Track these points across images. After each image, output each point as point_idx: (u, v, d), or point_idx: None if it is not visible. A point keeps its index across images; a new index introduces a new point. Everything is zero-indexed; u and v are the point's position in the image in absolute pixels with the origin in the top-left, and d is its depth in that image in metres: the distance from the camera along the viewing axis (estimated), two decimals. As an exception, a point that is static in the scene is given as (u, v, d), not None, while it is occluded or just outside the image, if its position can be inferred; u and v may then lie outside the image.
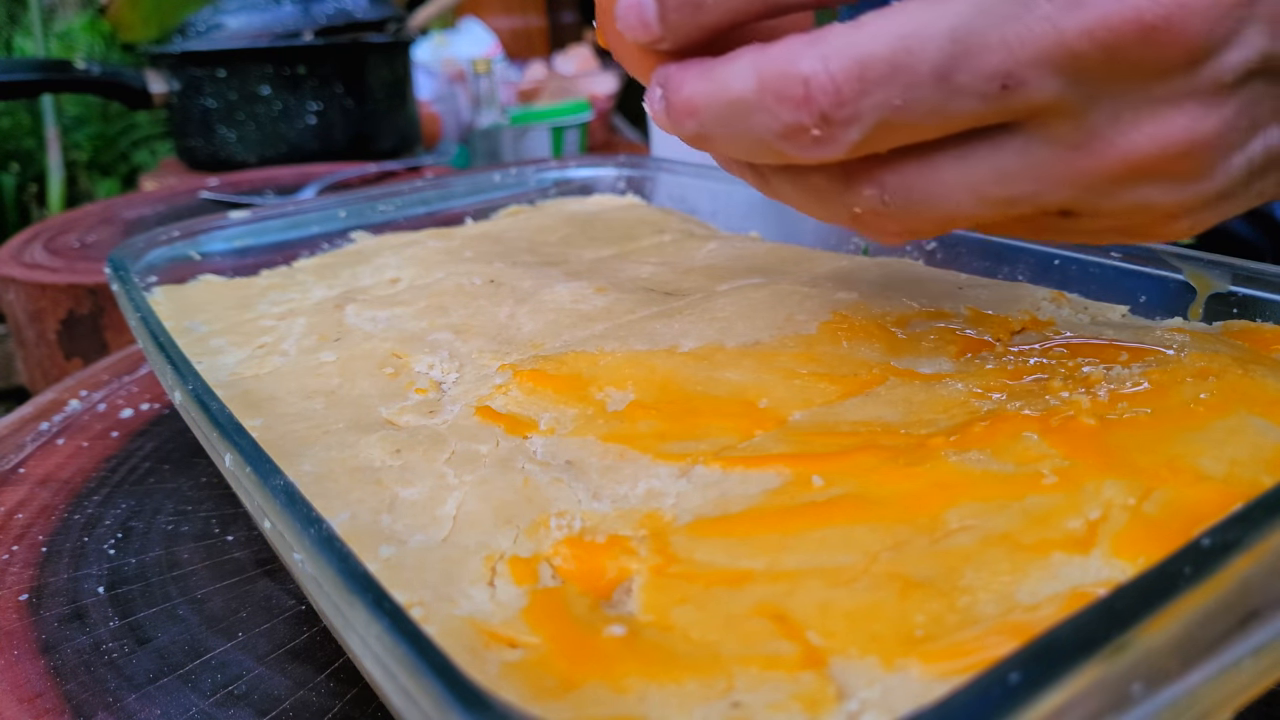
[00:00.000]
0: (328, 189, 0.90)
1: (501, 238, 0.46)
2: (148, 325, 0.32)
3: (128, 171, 2.06)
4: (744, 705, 0.17)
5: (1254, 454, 0.22)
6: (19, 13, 2.26)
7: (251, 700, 0.26)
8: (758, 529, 0.21)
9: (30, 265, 0.75)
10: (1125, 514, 0.20)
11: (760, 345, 0.30)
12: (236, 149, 1.14)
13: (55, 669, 0.28)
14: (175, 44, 1.14)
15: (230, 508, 0.36)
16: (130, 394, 0.47)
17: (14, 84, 1.01)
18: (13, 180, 1.97)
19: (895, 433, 0.25)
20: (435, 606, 0.20)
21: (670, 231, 0.46)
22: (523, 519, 0.23)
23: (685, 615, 0.19)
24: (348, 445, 0.27)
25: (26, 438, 0.42)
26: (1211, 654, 0.15)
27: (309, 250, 0.46)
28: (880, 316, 0.32)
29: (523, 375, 0.29)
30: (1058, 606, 0.18)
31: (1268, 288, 0.30)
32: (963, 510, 0.21)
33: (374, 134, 1.17)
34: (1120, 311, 0.33)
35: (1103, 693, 0.14)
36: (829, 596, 0.19)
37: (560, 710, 0.17)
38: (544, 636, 0.19)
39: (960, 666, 0.17)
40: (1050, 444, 0.23)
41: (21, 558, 0.33)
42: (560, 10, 2.21)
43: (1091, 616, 0.14)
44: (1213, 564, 0.15)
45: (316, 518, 0.19)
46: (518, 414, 0.28)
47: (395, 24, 1.21)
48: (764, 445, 0.25)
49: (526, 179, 0.54)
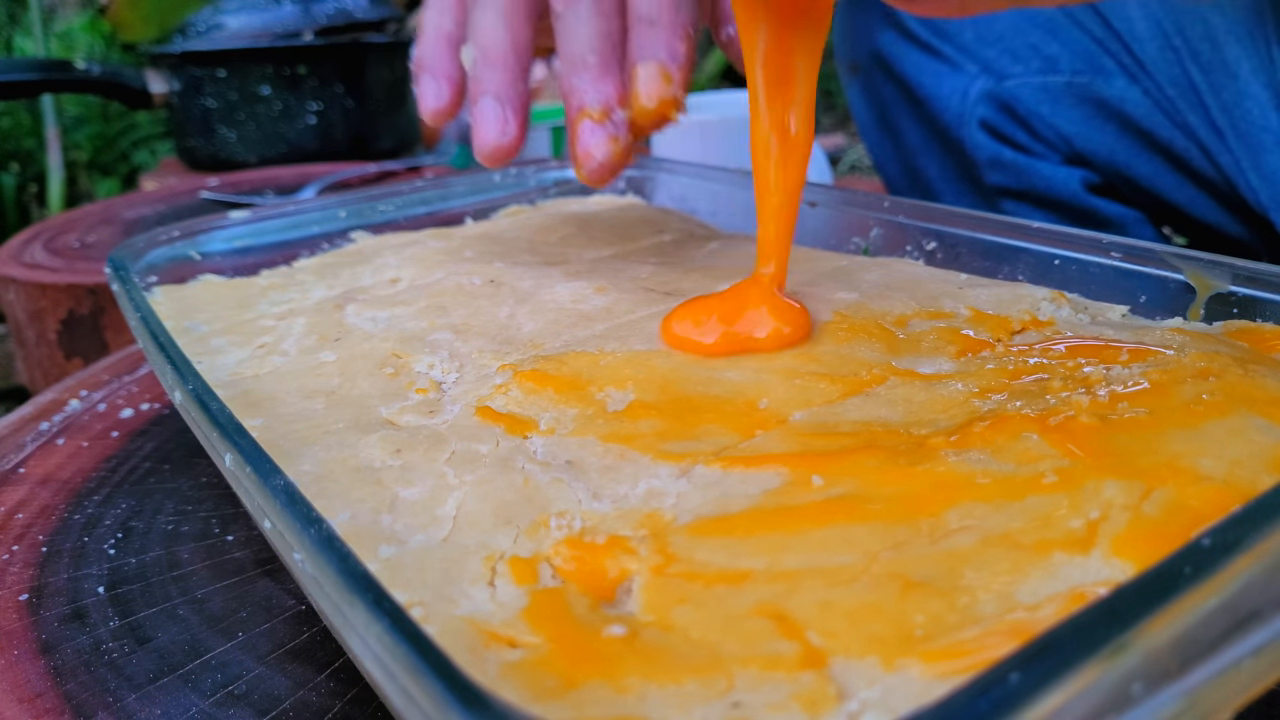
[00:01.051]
0: (328, 189, 0.90)
1: (501, 238, 0.46)
2: (148, 325, 0.32)
3: (128, 171, 2.06)
4: (744, 705, 0.17)
5: (1254, 454, 0.22)
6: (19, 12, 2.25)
7: (252, 700, 0.26)
8: (758, 529, 0.21)
9: (30, 265, 0.75)
10: (1125, 514, 0.20)
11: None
12: (236, 149, 1.14)
13: (55, 669, 0.28)
14: (175, 44, 1.14)
15: (230, 508, 0.36)
16: (130, 394, 0.47)
17: (14, 84, 1.01)
18: (13, 180, 1.97)
19: (895, 433, 0.25)
20: (435, 606, 0.20)
21: (670, 231, 0.46)
22: (523, 519, 0.23)
23: (685, 615, 0.19)
24: (348, 445, 0.27)
25: (26, 438, 0.42)
26: (1211, 654, 0.15)
27: (309, 250, 0.46)
28: (880, 316, 0.32)
29: (523, 375, 0.29)
30: (1058, 606, 0.18)
31: (1268, 288, 0.30)
32: (963, 510, 0.21)
33: (374, 134, 1.17)
34: (1120, 311, 0.33)
35: (1103, 693, 0.14)
36: (829, 596, 0.19)
37: (560, 710, 0.17)
38: (544, 636, 0.19)
39: (960, 666, 0.17)
40: (1050, 444, 0.23)
41: (21, 558, 0.33)
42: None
43: (1091, 616, 0.14)
44: (1213, 564, 0.15)
45: (316, 518, 0.19)
46: (518, 414, 0.28)
47: (395, 24, 1.21)
48: (764, 445, 0.25)
49: (526, 179, 0.54)
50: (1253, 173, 0.54)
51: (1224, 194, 0.59)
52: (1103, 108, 0.61)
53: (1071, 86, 0.62)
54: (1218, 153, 0.56)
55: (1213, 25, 0.54)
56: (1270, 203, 0.54)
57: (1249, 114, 0.54)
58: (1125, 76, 0.60)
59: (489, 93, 0.34)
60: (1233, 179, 0.56)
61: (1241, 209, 0.58)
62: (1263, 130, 0.53)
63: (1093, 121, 0.62)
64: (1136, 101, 0.60)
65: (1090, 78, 0.61)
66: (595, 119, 0.33)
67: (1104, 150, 0.63)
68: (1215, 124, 0.56)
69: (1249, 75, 0.53)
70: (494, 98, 0.34)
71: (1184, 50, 0.56)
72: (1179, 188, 0.61)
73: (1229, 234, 0.61)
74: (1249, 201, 0.56)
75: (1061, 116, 0.63)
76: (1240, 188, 0.56)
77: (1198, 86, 0.56)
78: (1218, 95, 0.55)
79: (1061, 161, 0.65)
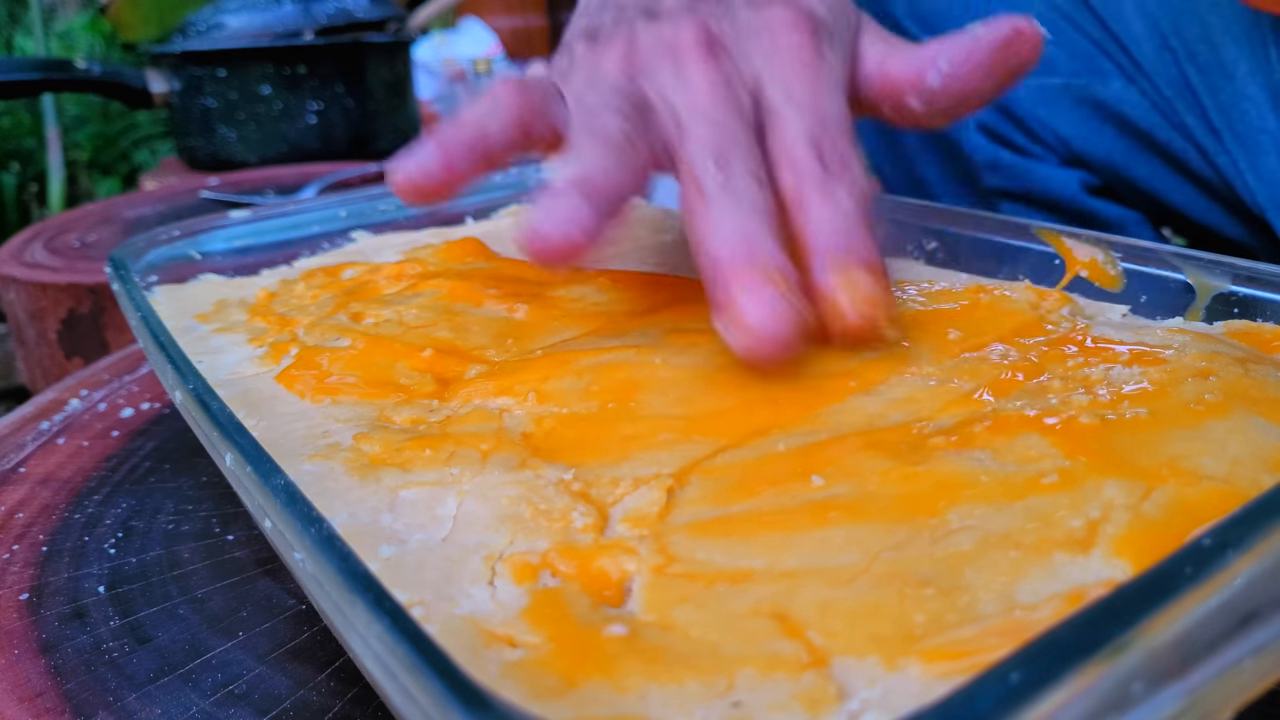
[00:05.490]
0: (328, 188, 0.90)
1: (502, 237, 0.46)
2: (148, 325, 0.32)
3: (128, 171, 2.06)
4: (745, 705, 0.17)
5: (1254, 454, 0.22)
6: (19, 12, 2.26)
7: (252, 700, 0.26)
8: (758, 529, 0.21)
9: (31, 265, 0.75)
10: (1126, 514, 0.20)
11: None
12: (237, 148, 1.14)
13: (55, 668, 0.28)
14: (176, 43, 1.14)
15: (231, 507, 0.36)
16: (131, 393, 0.47)
17: (14, 83, 1.01)
18: (13, 180, 1.97)
19: (895, 432, 0.25)
20: (435, 606, 0.20)
21: (671, 231, 0.46)
22: (523, 518, 0.23)
23: (686, 615, 0.19)
24: (348, 444, 0.27)
25: (27, 437, 0.42)
26: (1211, 654, 0.15)
27: (309, 250, 0.46)
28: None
29: (524, 374, 0.29)
30: (1058, 606, 0.18)
31: (1268, 288, 0.30)
32: (963, 510, 0.21)
33: (374, 134, 1.17)
34: (1120, 311, 0.33)
35: (1103, 693, 0.14)
36: (830, 596, 0.19)
37: (560, 710, 0.17)
38: (544, 636, 0.19)
39: (961, 666, 0.17)
40: (1050, 444, 0.23)
41: (22, 557, 0.33)
42: (561, 10, 2.21)
43: (1091, 616, 0.14)
44: (1213, 564, 0.15)
45: (317, 517, 0.19)
46: (518, 413, 0.28)
47: (396, 24, 1.21)
48: (764, 445, 0.25)
49: (527, 178, 0.54)
50: (1250, 173, 0.54)
51: (1222, 195, 0.59)
52: (1100, 109, 0.61)
53: (1069, 88, 0.62)
54: (1215, 153, 0.56)
55: (1210, 26, 0.54)
56: (1267, 203, 0.54)
57: (1246, 115, 0.54)
58: (1122, 78, 0.60)
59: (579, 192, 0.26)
60: (1230, 180, 0.56)
61: (1239, 210, 0.58)
62: (1260, 131, 0.53)
63: (1090, 123, 0.62)
64: (1134, 103, 0.60)
65: (1088, 79, 0.61)
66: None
67: (1102, 152, 0.63)
68: (1212, 125, 0.56)
69: (1246, 76, 0.53)
70: (583, 196, 0.26)
71: (1181, 51, 0.56)
72: (1178, 189, 0.61)
73: (1227, 235, 0.61)
74: (1246, 202, 0.56)
75: (1059, 118, 0.63)
76: (1238, 188, 0.56)
77: (1195, 88, 0.55)
78: (1215, 96, 0.55)
79: (1060, 163, 0.65)
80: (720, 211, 0.27)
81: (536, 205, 0.26)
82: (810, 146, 0.28)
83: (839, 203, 0.28)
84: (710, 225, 0.27)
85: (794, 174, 0.28)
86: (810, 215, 0.27)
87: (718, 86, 0.29)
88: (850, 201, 0.28)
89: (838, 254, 0.27)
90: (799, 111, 0.29)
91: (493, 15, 1.92)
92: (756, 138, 0.29)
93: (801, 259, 0.27)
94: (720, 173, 0.28)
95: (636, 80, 0.31)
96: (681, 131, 0.29)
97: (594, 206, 0.26)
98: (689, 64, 0.30)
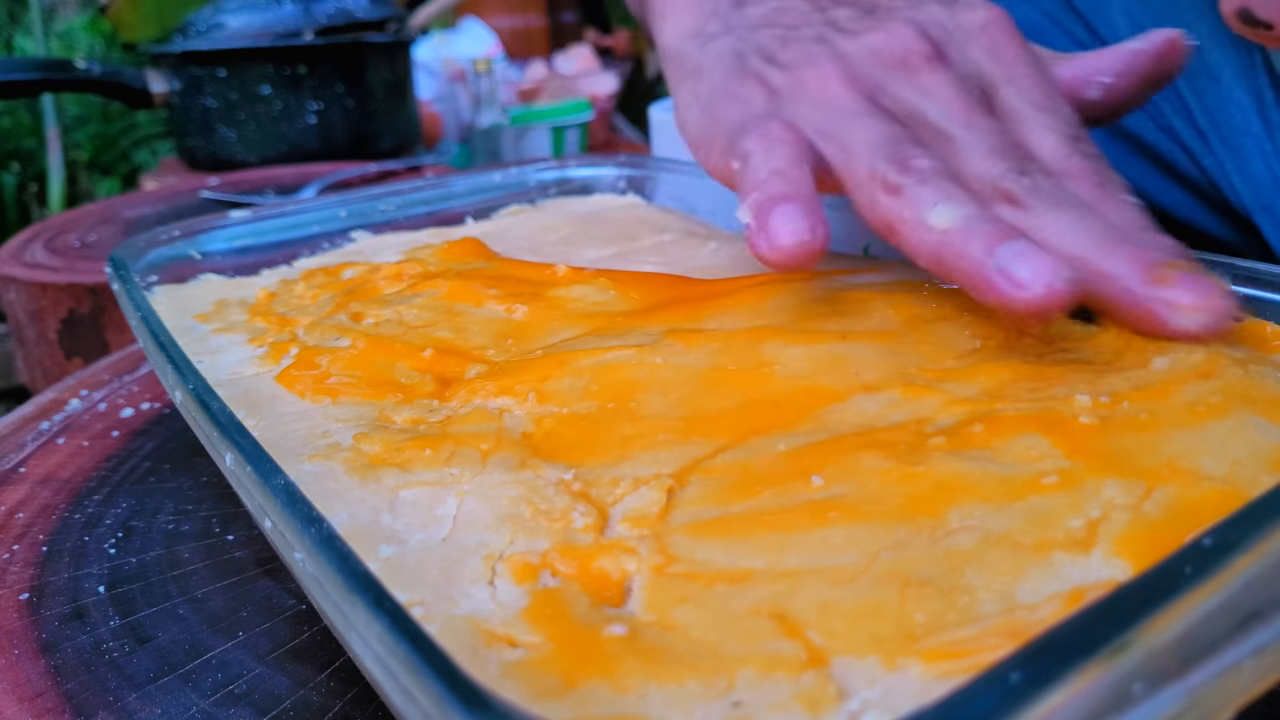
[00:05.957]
0: (328, 189, 0.90)
1: (502, 237, 0.46)
2: (148, 325, 0.32)
3: (128, 171, 2.06)
4: (745, 705, 0.17)
5: (1254, 454, 0.22)
6: (19, 12, 2.26)
7: (252, 699, 0.26)
8: (758, 528, 0.21)
9: (31, 265, 0.75)
10: (1126, 514, 0.20)
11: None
12: (237, 148, 1.14)
13: (55, 668, 0.28)
14: (176, 43, 1.14)
15: (231, 507, 0.36)
16: (131, 393, 0.47)
17: (14, 83, 1.01)
18: (13, 180, 1.98)
19: (895, 432, 0.25)
20: (435, 606, 0.20)
21: (671, 231, 0.46)
22: (523, 518, 0.23)
23: (686, 615, 0.19)
24: (348, 444, 0.27)
25: (27, 437, 0.42)
26: (1211, 654, 0.15)
27: (309, 250, 0.46)
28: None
29: (524, 374, 0.29)
30: (1058, 606, 0.18)
31: (1268, 288, 0.30)
32: (963, 510, 0.21)
33: (374, 134, 1.17)
34: (1120, 311, 0.33)
35: (1103, 693, 0.14)
36: (830, 596, 0.19)
37: (560, 710, 0.17)
38: (544, 636, 0.19)
39: (961, 666, 0.17)
40: (1051, 444, 0.23)
41: (22, 557, 0.33)
42: (561, 10, 2.21)
43: (1091, 616, 0.14)
44: (1213, 564, 0.15)
45: (317, 517, 0.19)
46: (518, 413, 0.28)
47: (396, 24, 1.21)
48: (765, 444, 0.25)
49: (527, 178, 0.54)
50: (1236, 175, 0.54)
51: (1209, 197, 0.59)
52: None
53: None
54: (1202, 155, 0.56)
55: (1196, 30, 0.54)
56: (1253, 205, 0.54)
57: (1232, 118, 0.54)
58: None
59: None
60: (1217, 182, 0.56)
61: (1226, 211, 0.58)
62: (1245, 134, 0.53)
63: None
64: None
65: None
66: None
67: None
68: (1199, 128, 0.56)
69: (1231, 80, 0.53)
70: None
71: None
72: (1166, 191, 0.61)
73: (1216, 236, 0.61)
74: (1233, 204, 0.56)
75: None
76: (1224, 190, 0.56)
77: (1181, 91, 0.55)
78: (1200, 99, 0.55)
79: None
80: (1053, 215, 0.26)
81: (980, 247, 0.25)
82: (1073, 147, 0.28)
83: (1124, 202, 0.27)
84: (1052, 228, 0.26)
85: (1068, 177, 0.28)
86: (1108, 219, 0.27)
87: (961, 92, 0.29)
88: (1130, 196, 0.28)
89: (1162, 255, 0.26)
90: (1043, 112, 0.29)
91: (493, 15, 1.92)
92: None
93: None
94: (1024, 177, 0.27)
95: (876, 99, 0.30)
96: (951, 142, 0.28)
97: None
98: (924, 73, 0.29)
